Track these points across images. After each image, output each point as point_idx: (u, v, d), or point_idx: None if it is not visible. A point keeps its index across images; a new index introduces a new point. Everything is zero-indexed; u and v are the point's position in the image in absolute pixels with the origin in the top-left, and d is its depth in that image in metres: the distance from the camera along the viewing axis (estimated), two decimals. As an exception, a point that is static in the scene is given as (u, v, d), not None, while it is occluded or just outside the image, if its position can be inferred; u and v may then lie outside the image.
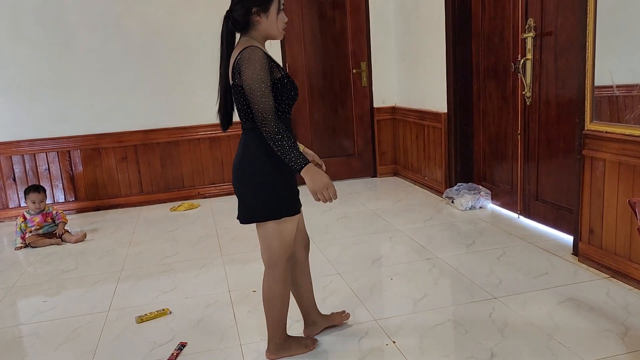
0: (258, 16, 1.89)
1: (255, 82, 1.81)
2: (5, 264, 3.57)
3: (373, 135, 5.32)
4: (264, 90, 1.82)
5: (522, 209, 3.69)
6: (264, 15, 1.89)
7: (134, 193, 4.86)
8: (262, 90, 1.81)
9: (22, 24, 4.43)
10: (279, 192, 1.97)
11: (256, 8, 1.88)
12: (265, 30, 1.93)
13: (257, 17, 1.89)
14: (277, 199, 1.96)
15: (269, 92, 1.83)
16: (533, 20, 3.32)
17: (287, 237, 2.03)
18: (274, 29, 1.94)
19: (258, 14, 1.89)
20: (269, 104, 1.82)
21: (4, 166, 4.57)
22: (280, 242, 2.02)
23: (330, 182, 1.93)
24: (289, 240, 2.04)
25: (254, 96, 1.81)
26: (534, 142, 3.49)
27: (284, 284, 2.08)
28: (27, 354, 2.35)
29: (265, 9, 1.89)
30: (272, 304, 2.09)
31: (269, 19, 1.91)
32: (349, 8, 5.06)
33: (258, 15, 1.89)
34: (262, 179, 1.95)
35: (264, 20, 1.90)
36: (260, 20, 1.90)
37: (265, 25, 1.92)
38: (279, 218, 1.97)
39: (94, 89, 4.65)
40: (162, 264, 3.33)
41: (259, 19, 1.90)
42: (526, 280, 2.72)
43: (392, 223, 3.84)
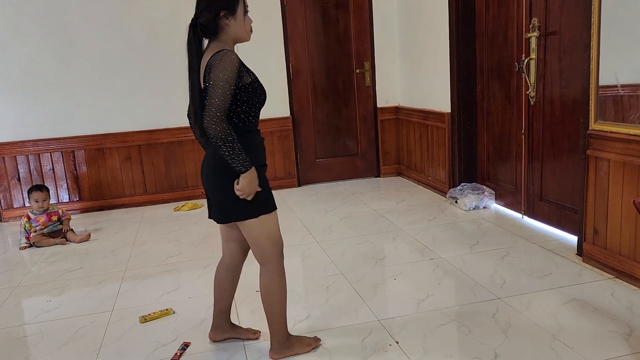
0: (227, 19, 1.92)
1: (221, 79, 1.82)
2: (10, 263, 3.58)
3: (376, 135, 5.32)
4: (226, 91, 1.83)
5: (526, 209, 3.67)
6: (232, 18, 1.92)
7: (137, 193, 4.87)
8: (225, 90, 1.82)
9: (26, 24, 4.45)
10: (262, 189, 1.98)
11: (224, 12, 1.90)
12: (234, 34, 1.96)
13: (225, 20, 1.92)
14: (261, 196, 1.97)
15: (230, 94, 1.84)
16: (537, 20, 3.31)
17: (274, 231, 2.06)
18: (242, 31, 1.97)
19: (226, 17, 1.91)
20: (226, 105, 1.84)
21: (8, 166, 4.59)
22: (268, 237, 2.04)
23: (254, 192, 1.94)
24: (276, 234, 2.07)
25: (215, 93, 1.81)
26: (538, 142, 3.48)
27: (280, 278, 2.10)
28: (31, 354, 2.35)
29: (233, 11, 1.92)
30: (272, 300, 2.10)
31: (237, 21, 1.94)
32: (352, 8, 5.05)
33: (226, 18, 1.91)
34: (233, 181, 1.93)
35: (232, 23, 1.93)
36: (229, 24, 1.93)
37: (234, 28, 1.94)
38: (265, 213, 2.00)
39: (97, 90, 4.66)
40: (166, 263, 3.33)
41: (228, 22, 1.92)
42: (530, 281, 2.71)
43: (395, 223, 3.83)
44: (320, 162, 5.28)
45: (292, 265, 3.21)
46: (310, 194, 4.91)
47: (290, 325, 2.41)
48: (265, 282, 2.10)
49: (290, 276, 2.98)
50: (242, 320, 2.51)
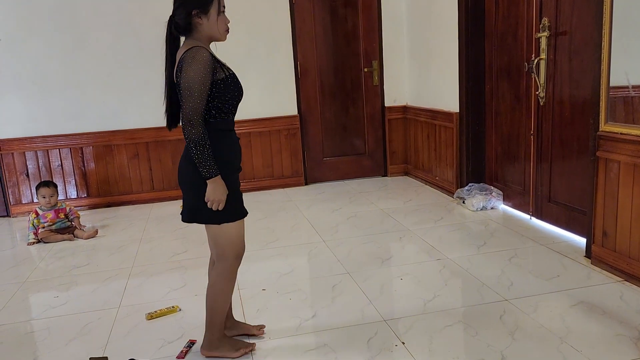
0: (199, 18, 1.93)
1: (195, 82, 1.84)
2: (18, 259, 3.61)
3: (384, 134, 5.31)
4: (200, 91, 1.85)
5: (534, 210, 3.65)
6: (204, 17, 1.93)
7: (145, 190, 4.89)
8: (199, 90, 1.85)
9: (37, 21, 4.47)
10: (228, 196, 1.97)
11: (196, 10, 1.91)
12: (207, 32, 1.96)
13: (197, 19, 1.93)
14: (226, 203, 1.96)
15: (204, 95, 1.87)
16: (547, 20, 3.28)
17: (236, 237, 2.06)
18: (215, 31, 1.96)
19: (199, 16, 1.92)
20: (200, 106, 1.86)
21: (17, 162, 4.62)
22: (228, 241, 2.05)
23: (224, 199, 1.95)
24: (239, 239, 2.07)
25: (190, 94, 1.84)
26: (547, 143, 3.45)
27: (227, 281, 2.10)
28: (38, 349, 2.37)
29: (205, 10, 1.92)
30: (214, 297, 2.11)
31: (210, 20, 1.94)
32: (360, 6, 5.04)
33: (199, 17, 1.92)
34: (201, 184, 1.94)
35: (205, 22, 1.94)
36: (201, 22, 1.93)
37: (207, 27, 1.95)
38: (227, 222, 2.00)
39: (106, 86, 4.68)
40: (173, 261, 3.34)
41: (200, 21, 1.93)
42: (538, 283, 2.69)
43: (402, 223, 3.82)
44: (327, 161, 5.28)
45: (298, 263, 3.21)
46: (317, 193, 4.90)
47: (296, 323, 2.42)
48: (214, 278, 2.12)
49: (296, 275, 3.01)
50: (248, 318, 2.50)
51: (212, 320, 2.14)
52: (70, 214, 4.03)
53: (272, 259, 3.28)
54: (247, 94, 5.12)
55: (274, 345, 2.25)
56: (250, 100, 4.90)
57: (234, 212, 2.03)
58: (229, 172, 1.99)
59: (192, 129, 1.86)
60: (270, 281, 2.93)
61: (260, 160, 5.06)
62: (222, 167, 1.94)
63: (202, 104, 1.87)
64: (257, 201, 4.68)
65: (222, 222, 2.00)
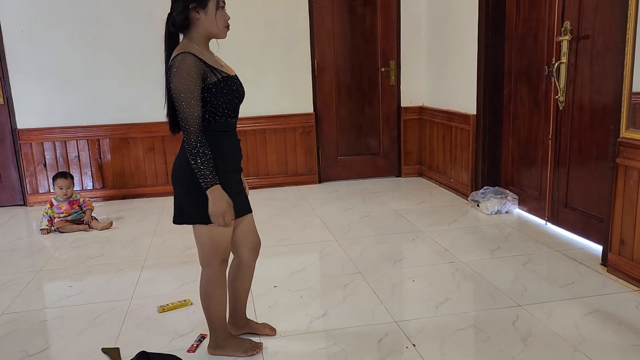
0: (196, 13, 1.88)
1: (181, 91, 1.80)
2: (33, 248, 3.65)
3: (399, 134, 5.28)
4: (190, 101, 1.81)
5: (550, 216, 3.61)
6: (202, 12, 1.88)
7: (159, 183, 4.92)
8: (188, 100, 1.81)
9: (58, 13, 4.52)
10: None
11: (193, 4, 1.86)
12: (205, 29, 1.91)
13: (195, 13, 1.88)
14: (206, 204, 1.89)
15: (195, 103, 1.82)
16: (569, 23, 3.24)
17: (220, 241, 2.00)
18: (213, 27, 1.91)
19: (196, 11, 1.87)
20: (193, 115, 1.82)
21: (35, 152, 4.68)
22: (212, 244, 2.00)
23: (229, 210, 1.90)
24: (223, 243, 2.01)
25: (179, 105, 1.81)
26: (566, 148, 3.41)
27: (216, 286, 2.06)
28: (51, 338, 2.40)
29: (203, 4, 1.87)
30: (207, 303, 2.09)
31: (208, 15, 1.89)
32: (380, 6, 5.02)
33: (196, 11, 1.88)
34: (191, 182, 1.91)
35: (202, 17, 1.89)
36: (199, 17, 1.89)
37: (205, 23, 1.90)
38: (205, 223, 1.94)
39: (124, 79, 4.72)
40: (185, 254, 3.36)
41: (198, 16, 1.88)
42: (552, 289, 2.66)
43: (415, 224, 3.80)
44: (341, 160, 5.27)
45: (310, 262, 3.21)
46: (330, 191, 4.90)
47: (307, 322, 2.41)
48: (202, 285, 2.09)
49: (308, 273, 3.01)
50: (259, 315, 2.51)
51: (212, 325, 2.13)
52: (84, 205, 4.07)
53: (284, 256, 3.29)
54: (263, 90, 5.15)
55: (284, 343, 2.25)
56: (266, 97, 4.93)
57: None
58: (222, 174, 1.92)
59: (186, 137, 1.83)
60: (282, 278, 2.93)
61: (275, 157, 5.07)
62: (218, 170, 1.90)
63: (193, 112, 1.82)
64: (270, 198, 4.68)
65: (207, 222, 1.92)
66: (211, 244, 2.00)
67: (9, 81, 4.55)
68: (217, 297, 2.08)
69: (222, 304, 2.11)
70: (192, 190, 1.93)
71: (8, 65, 4.52)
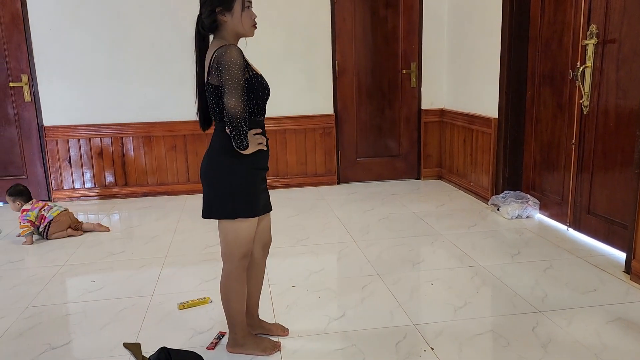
0: (223, 15, 1.93)
1: (233, 75, 1.85)
2: (56, 243, 3.72)
3: (419, 137, 5.26)
4: (242, 89, 1.87)
5: (572, 221, 3.56)
6: (228, 14, 1.93)
7: (180, 181, 4.98)
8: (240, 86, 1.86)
9: (85, 13, 4.61)
10: (237, 192, 1.99)
11: (219, 7, 1.92)
12: (233, 29, 1.96)
13: (222, 16, 1.93)
14: (235, 199, 1.99)
15: (242, 88, 1.88)
16: (595, 27, 3.19)
17: (243, 236, 2.05)
18: (240, 27, 1.96)
19: (223, 14, 1.93)
20: (243, 91, 1.88)
21: (60, 149, 4.77)
22: (235, 240, 2.04)
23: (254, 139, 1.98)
24: (246, 239, 2.06)
25: (231, 86, 1.85)
26: (589, 153, 3.36)
27: (235, 282, 2.10)
28: (74, 332, 2.44)
29: (229, 7, 1.92)
30: (227, 299, 2.12)
31: (234, 16, 1.94)
32: (402, 7, 5.00)
33: (223, 14, 1.93)
34: (221, 178, 1.99)
35: (229, 19, 1.94)
36: (225, 19, 1.94)
37: (232, 24, 1.95)
38: (233, 218, 2.00)
39: (148, 78, 4.78)
40: (205, 252, 3.39)
41: (224, 18, 1.94)
42: (573, 296, 2.63)
43: (434, 227, 3.78)
44: (360, 161, 5.27)
45: (328, 262, 3.22)
46: (349, 193, 4.90)
47: (325, 323, 2.42)
48: (223, 281, 2.13)
49: (326, 273, 3.02)
50: (277, 314, 2.53)
51: (231, 321, 2.16)
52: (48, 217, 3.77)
53: (303, 256, 3.30)
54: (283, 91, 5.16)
55: (302, 343, 2.27)
56: (286, 97, 4.96)
57: (247, 209, 2.02)
58: (252, 170, 2.00)
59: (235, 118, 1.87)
60: (300, 278, 2.94)
61: (295, 157, 5.09)
62: (246, 163, 1.97)
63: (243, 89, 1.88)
64: (289, 198, 4.70)
65: (237, 216, 2.00)
66: (235, 239, 2.05)
67: (36, 79, 4.65)
68: (237, 292, 2.12)
69: (241, 300, 2.14)
70: (220, 185, 1.99)
71: (36, 63, 4.62)
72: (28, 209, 3.72)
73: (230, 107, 1.86)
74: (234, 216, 2.00)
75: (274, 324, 2.37)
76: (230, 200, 1.99)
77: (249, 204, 2.02)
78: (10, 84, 4.62)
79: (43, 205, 3.78)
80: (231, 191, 1.99)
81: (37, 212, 3.73)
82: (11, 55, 4.59)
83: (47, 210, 3.77)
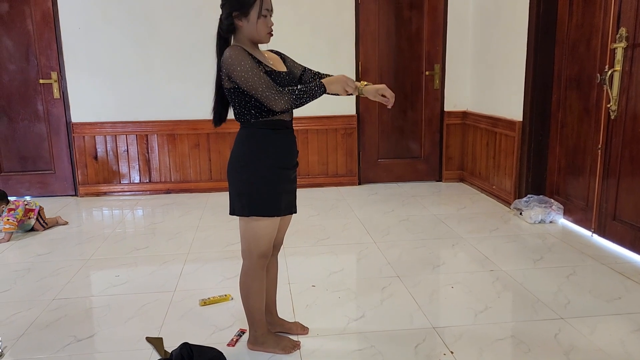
0: (239, 20, 1.96)
1: (246, 72, 1.88)
2: (82, 237, 3.81)
3: (441, 139, 5.23)
4: (258, 74, 1.89)
5: (596, 227, 3.51)
6: (244, 20, 1.96)
7: (203, 179, 5.04)
8: (255, 74, 1.89)
9: (113, 12, 4.69)
10: (256, 190, 2.01)
11: (236, 12, 1.95)
12: (248, 35, 1.99)
13: (238, 21, 1.97)
14: (253, 197, 2.01)
15: (263, 75, 1.90)
16: (625, 30, 3.14)
17: (262, 235, 2.06)
18: (255, 34, 1.99)
19: (239, 18, 1.96)
20: (269, 84, 1.90)
21: (87, 145, 4.87)
22: (254, 238, 2.07)
23: (344, 76, 1.98)
24: (265, 238, 2.07)
25: (254, 83, 1.88)
26: (616, 158, 3.30)
27: (253, 279, 2.12)
28: (98, 324, 2.50)
29: (246, 13, 1.95)
30: (246, 295, 2.15)
31: (250, 22, 1.96)
32: (426, 9, 4.98)
33: (239, 19, 1.96)
34: (242, 176, 2.02)
35: (245, 25, 1.97)
36: (241, 25, 1.97)
37: (247, 30, 1.98)
38: (253, 215, 2.03)
39: (173, 77, 4.85)
40: (227, 250, 3.43)
41: (241, 23, 1.97)
42: (597, 303, 2.59)
43: (455, 230, 3.76)
44: (381, 162, 5.26)
45: (348, 263, 3.23)
46: (370, 194, 4.90)
47: (344, 323, 2.44)
48: (241, 278, 2.16)
49: (345, 274, 3.03)
50: (297, 313, 2.55)
51: (251, 319, 2.19)
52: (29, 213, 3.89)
53: (323, 256, 3.32)
54: (307, 91, 5.13)
55: (321, 342, 2.28)
56: (309, 97, 4.97)
57: (266, 208, 2.03)
58: (274, 169, 2.02)
59: (282, 101, 1.90)
60: (320, 278, 2.96)
61: (316, 157, 5.11)
62: (265, 164, 2.00)
63: (266, 81, 1.90)
64: (310, 198, 4.72)
65: (253, 214, 2.02)
66: (253, 237, 2.07)
67: (65, 76, 4.75)
68: (255, 291, 2.14)
69: (260, 299, 2.17)
70: (242, 183, 2.03)
71: (65, 61, 4.73)
72: (14, 208, 3.78)
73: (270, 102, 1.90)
74: (251, 214, 2.03)
75: (293, 323, 2.39)
76: (249, 198, 2.02)
77: (269, 203, 2.04)
78: (40, 81, 4.74)
79: (23, 202, 3.88)
80: (250, 189, 2.01)
81: (23, 208, 3.82)
82: (42, 53, 4.70)
83: (29, 204, 3.89)
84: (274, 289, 2.34)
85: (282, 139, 2.06)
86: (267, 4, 1.98)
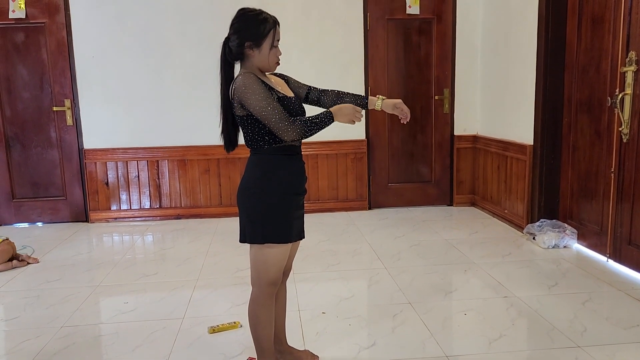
0: (251, 50, 1.97)
1: (260, 101, 1.89)
2: (92, 263, 3.81)
3: (452, 163, 5.21)
4: (272, 103, 1.90)
5: (611, 252, 3.44)
6: (256, 50, 1.97)
7: (213, 205, 5.04)
8: (269, 103, 1.89)
9: (127, 40, 4.78)
10: (268, 217, 1.99)
11: (249, 42, 1.96)
12: (257, 63, 2.00)
13: (249, 50, 1.97)
14: (265, 224, 1.99)
15: (277, 104, 1.91)
16: (635, 54, 3.13)
17: (273, 263, 2.04)
18: (264, 63, 2.00)
19: (251, 48, 1.97)
20: (282, 114, 1.90)
21: (99, 171, 4.91)
22: (264, 265, 2.03)
23: (352, 107, 2.01)
24: (275, 266, 2.04)
25: (267, 113, 1.89)
26: (629, 182, 3.26)
27: (262, 307, 2.08)
28: (106, 352, 2.48)
29: (259, 44, 1.96)
30: (254, 323, 2.11)
31: (262, 53, 1.98)
32: (435, 34, 5.02)
33: (251, 49, 1.97)
34: (253, 202, 2.00)
35: (256, 54, 1.98)
36: (252, 54, 1.98)
37: (257, 59, 1.99)
38: (262, 243, 2.00)
39: (184, 103, 4.91)
40: (236, 276, 3.41)
41: (252, 53, 1.98)
42: (614, 331, 2.52)
43: (467, 255, 3.71)
44: (392, 187, 5.24)
45: (359, 289, 3.18)
46: (380, 218, 4.87)
47: (355, 352, 2.39)
48: (250, 306, 2.12)
49: (356, 300, 2.99)
50: (306, 341, 2.51)
51: (260, 347, 2.14)
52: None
53: (333, 282, 3.28)
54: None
55: (332, 371, 2.24)
56: (319, 122, 4.99)
57: (278, 235, 2.01)
58: (285, 195, 2.01)
59: (293, 132, 1.91)
60: (331, 305, 2.92)
61: (326, 182, 5.10)
62: (276, 190, 1.99)
63: (279, 110, 1.90)
64: (320, 223, 4.70)
65: (265, 242, 2.00)
66: (264, 264, 2.04)
67: (78, 104, 4.82)
68: (264, 319, 2.11)
69: (268, 327, 2.13)
70: (252, 210, 2.01)
71: (78, 88, 4.80)
72: None
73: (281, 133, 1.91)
74: (263, 241, 2.01)
75: (303, 351, 2.35)
76: (260, 225, 2.00)
77: (280, 230, 2.02)
78: (54, 109, 4.81)
79: None
80: (262, 216, 2.00)
81: None
82: (56, 81, 4.79)
83: None
84: (283, 316, 2.30)
85: (294, 165, 2.07)
86: (278, 35, 2.00)
